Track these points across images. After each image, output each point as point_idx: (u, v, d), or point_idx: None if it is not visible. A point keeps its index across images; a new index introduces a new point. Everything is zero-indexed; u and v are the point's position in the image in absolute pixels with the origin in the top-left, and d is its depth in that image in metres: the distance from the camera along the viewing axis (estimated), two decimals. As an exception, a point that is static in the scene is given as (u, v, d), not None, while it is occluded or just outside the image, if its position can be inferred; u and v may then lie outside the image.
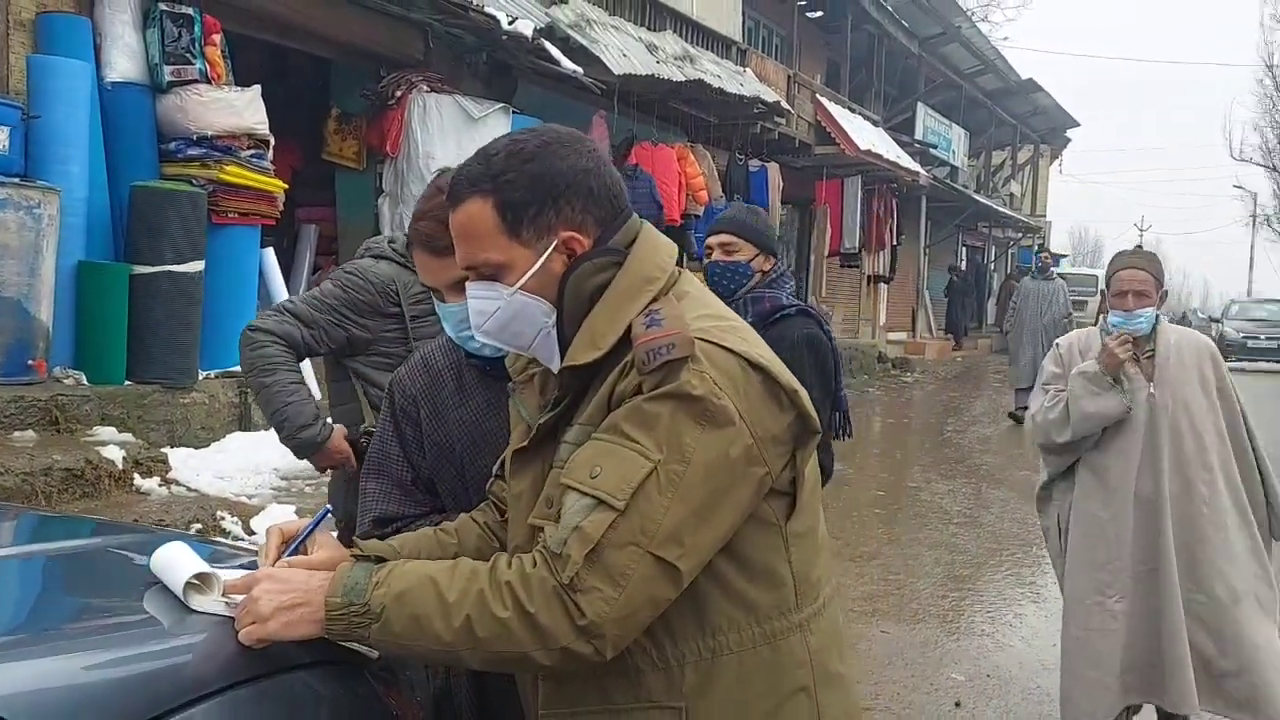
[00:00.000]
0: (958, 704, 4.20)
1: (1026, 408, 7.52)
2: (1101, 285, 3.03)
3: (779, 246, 3.55)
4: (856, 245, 16.24)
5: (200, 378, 6.20)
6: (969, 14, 24.34)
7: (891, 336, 20.40)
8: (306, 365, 4.15)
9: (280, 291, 6.99)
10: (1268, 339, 22.80)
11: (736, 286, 2.99)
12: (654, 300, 1.30)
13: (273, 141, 6.61)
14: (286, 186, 6.73)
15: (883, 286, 19.34)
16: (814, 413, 1.32)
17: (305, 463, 2.88)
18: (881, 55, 18.37)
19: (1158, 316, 3.23)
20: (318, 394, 3.90)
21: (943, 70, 21.04)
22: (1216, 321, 26.49)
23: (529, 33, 8.02)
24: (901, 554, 6.38)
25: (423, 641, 1.22)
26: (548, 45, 8.32)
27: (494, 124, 8.17)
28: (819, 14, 17.23)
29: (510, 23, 7.99)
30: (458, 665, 1.28)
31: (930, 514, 7.54)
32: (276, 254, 7.32)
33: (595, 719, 1.29)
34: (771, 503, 1.30)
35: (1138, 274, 3.18)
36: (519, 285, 1.32)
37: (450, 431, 1.79)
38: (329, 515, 1.54)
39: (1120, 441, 3.15)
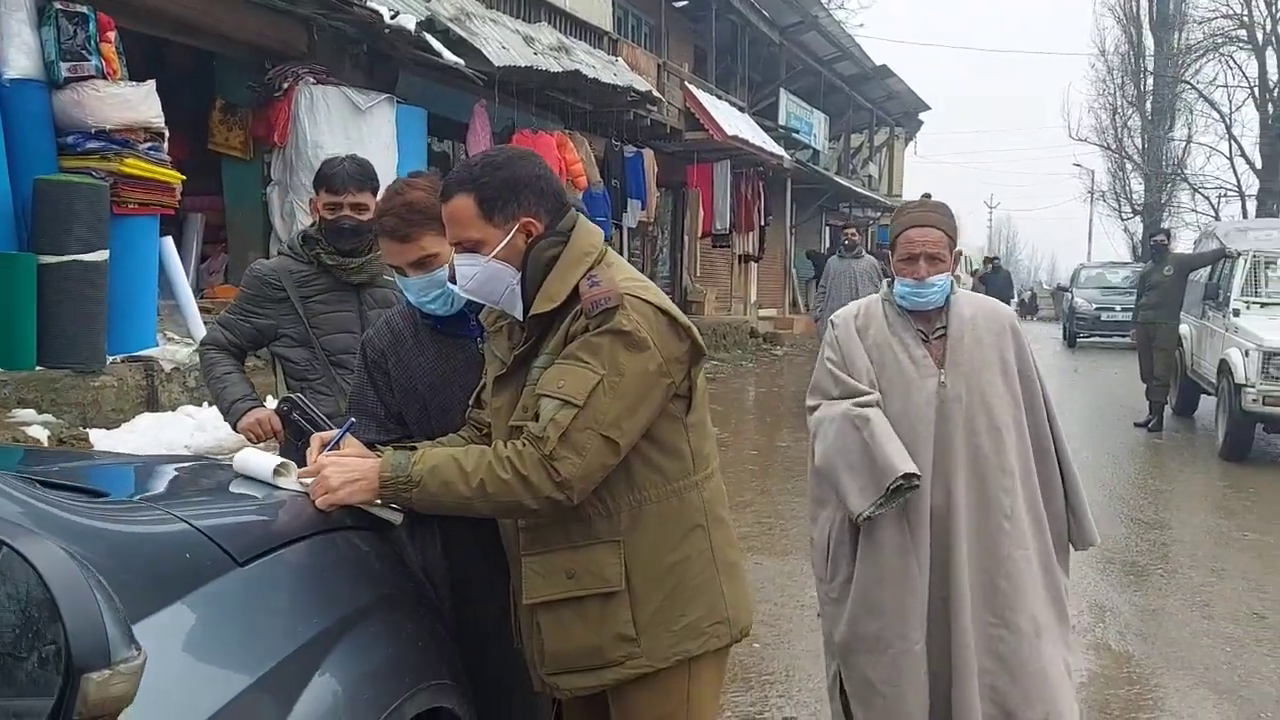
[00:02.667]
0: (819, 614, 4.91)
1: None
2: (889, 250, 2.82)
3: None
4: (727, 226, 17.02)
5: (108, 362, 6.42)
6: (825, 3, 25.54)
7: (763, 313, 21.36)
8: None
9: (180, 279, 7.22)
10: (1124, 310, 18.98)
11: None
12: (592, 268, 1.88)
13: (167, 134, 6.83)
14: (184, 178, 6.97)
15: (753, 265, 20.28)
16: (701, 342, 1.93)
17: (212, 439, 3.44)
18: (745, 43, 19.19)
19: (952, 284, 2.68)
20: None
21: (803, 58, 22.05)
22: (1065, 291, 26.76)
23: (411, 26, 8.38)
24: (772, 502, 7.12)
25: (449, 497, 1.78)
26: (429, 38, 8.68)
27: (380, 114, 8.51)
28: (685, 3, 17.91)
29: (392, 17, 8.33)
30: (471, 514, 1.83)
31: (797, 467, 8.29)
32: (165, 243, 7.53)
33: (561, 555, 1.87)
34: (675, 403, 1.92)
35: (930, 232, 2.63)
36: (492, 255, 1.88)
37: (413, 375, 2.32)
38: (354, 424, 2.07)
39: (906, 443, 2.53)
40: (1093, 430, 10.80)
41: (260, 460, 1.89)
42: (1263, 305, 9.66)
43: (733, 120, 16.10)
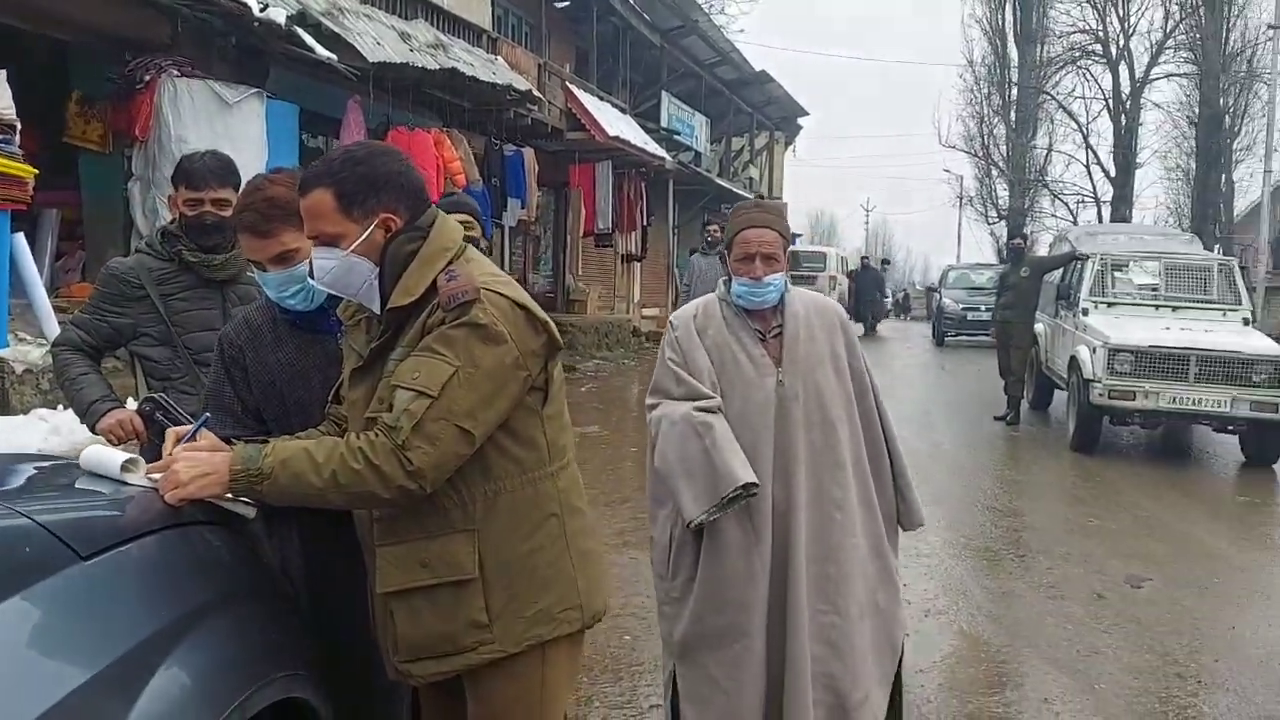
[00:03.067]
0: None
1: None
2: (726, 250, 2.84)
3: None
4: (609, 226, 17.11)
5: (-45, 360, 6.12)
6: (706, 7, 25.92)
7: (646, 312, 21.57)
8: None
9: (33, 277, 6.92)
10: (988, 310, 19.06)
11: None
12: (450, 263, 1.91)
13: (19, 126, 6.54)
14: (37, 171, 6.68)
15: (636, 265, 20.45)
16: (558, 336, 1.99)
17: (68, 443, 3.33)
18: (626, 45, 19.33)
19: (786, 282, 2.77)
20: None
21: (684, 61, 22.33)
22: (935, 291, 27.46)
23: (281, 20, 8.21)
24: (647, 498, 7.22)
25: (301, 489, 1.80)
26: (300, 32, 8.51)
27: (248, 108, 8.30)
28: (566, 3, 17.95)
29: (262, 9, 8.14)
30: (325, 506, 1.85)
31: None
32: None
33: (416, 545, 1.91)
34: (532, 395, 1.98)
35: (765, 233, 2.70)
36: (350, 250, 1.90)
37: (272, 370, 2.32)
38: (210, 418, 2.06)
39: (748, 443, 2.59)
40: (955, 424, 11.29)
41: (108, 456, 1.87)
42: (1109, 305, 10.26)
43: (615, 121, 16.22)
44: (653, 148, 17.79)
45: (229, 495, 1.86)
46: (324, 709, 1.95)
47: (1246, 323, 10.06)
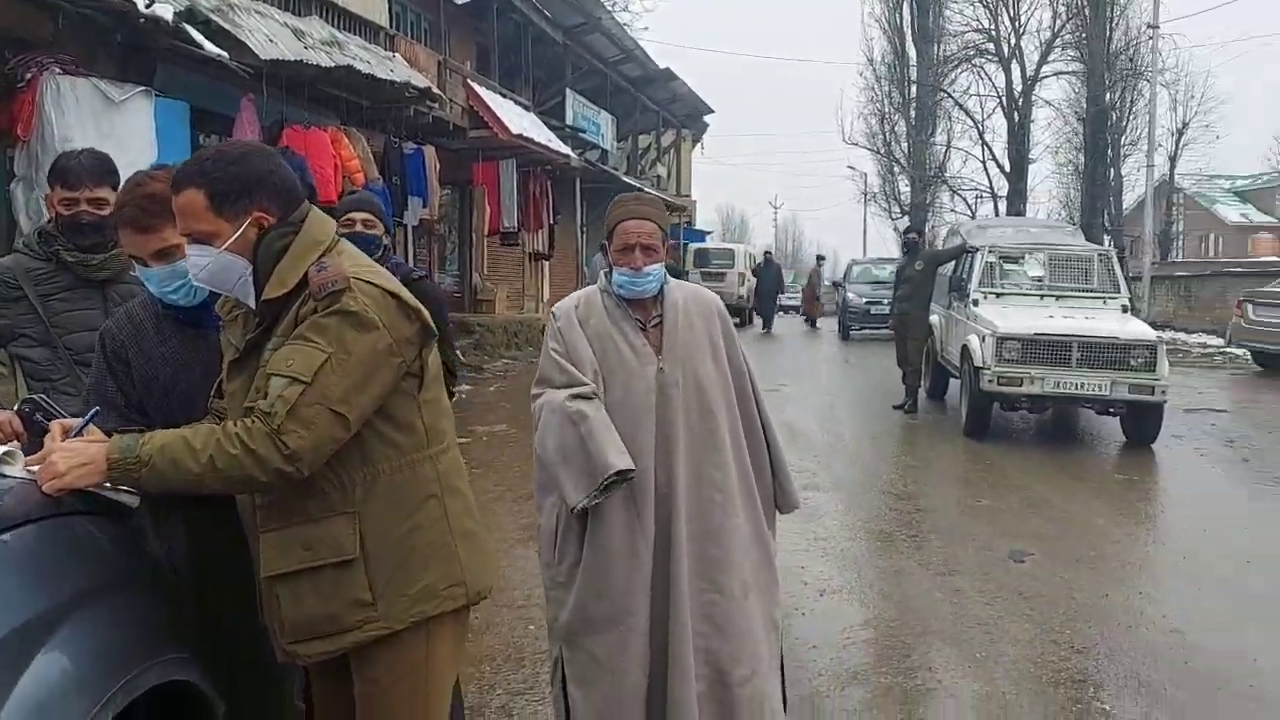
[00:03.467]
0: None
1: None
2: (606, 242, 2.93)
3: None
4: (515, 224, 17.09)
5: None
6: (610, 5, 26.04)
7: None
8: None
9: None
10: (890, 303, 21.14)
11: (372, 253, 3.68)
12: (322, 255, 1.97)
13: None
14: (-88, 171, 6.44)
15: (544, 263, 20.46)
16: (431, 323, 2.06)
17: None
18: (529, 43, 19.30)
19: (665, 273, 2.84)
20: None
21: (588, 59, 22.39)
22: (840, 286, 27.80)
23: (168, 16, 8.04)
24: (556, 491, 7.29)
25: (179, 476, 1.83)
26: (189, 29, 8.35)
27: (136, 107, 8.10)
28: (465, 0, 17.85)
29: (148, 5, 7.96)
30: (204, 492, 1.89)
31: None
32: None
33: (298, 528, 1.96)
34: (407, 381, 2.04)
35: (644, 224, 2.77)
36: (224, 247, 1.95)
37: (155, 365, 2.35)
38: (98, 412, 2.08)
39: (630, 429, 2.68)
40: (858, 415, 11.62)
41: None
42: (999, 295, 10.68)
43: (518, 119, 16.20)
44: (558, 145, 17.83)
45: (109, 485, 1.89)
46: (211, 693, 1.99)
47: (1125, 310, 10.57)
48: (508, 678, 4.17)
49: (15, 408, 2.58)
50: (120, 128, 7.76)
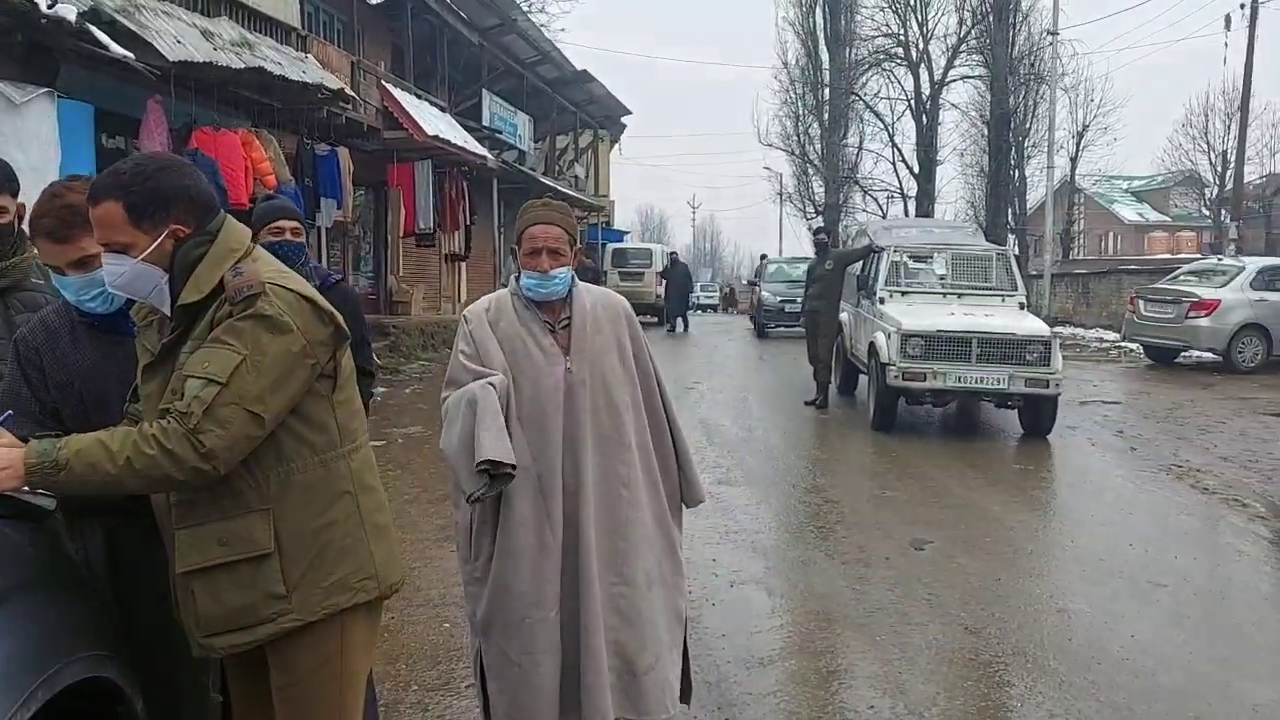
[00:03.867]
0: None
1: None
2: (516, 246, 3.00)
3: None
4: (431, 226, 17.04)
5: None
6: (526, 7, 26.06)
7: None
8: None
9: None
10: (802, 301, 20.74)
11: (297, 260, 3.73)
12: (237, 262, 2.06)
13: None
14: None
15: (461, 264, 20.40)
16: (345, 327, 2.16)
17: None
18: (444, 43, 19.24)
19: (573, 276, 2.94)
20: None
21: (505, 60, 22.40)
22: (754, 284, 28.24)
23: (71, 16, 7.89)
24: (473, 491, 7.37)
25: (97, 478, 1.91)
26: (93, 29, 8.20)
27: (38, 109, 7.94)
28: (379, 0, 17.74)
29: (50, 6, 7.81)
30: (122, 492, 1.96)
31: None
32: None
33: (214, 526, 2.05)
34: (321, 382, 2.14)
35: (552, 229, 2.87)
36: (140, 258, 2.03)
37: (70, 371, 2.40)
38: (11, 416, 2.13)
39: (538, 427, 2.80)
40: (771, 411, 11.89)
41: None
42: (904, 294, 11.05)
43: (434, 120, 16.16)
44: (474, 146, 17.82)
45: (26, 489, 1.95)
46: (129, 687, 2.06)
47: (1022, 307, 11.02)
48: (423, 674, 4.26)
49: None
50: (22, 130, 7.60)
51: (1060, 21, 27.00)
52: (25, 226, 2.83)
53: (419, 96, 16.81)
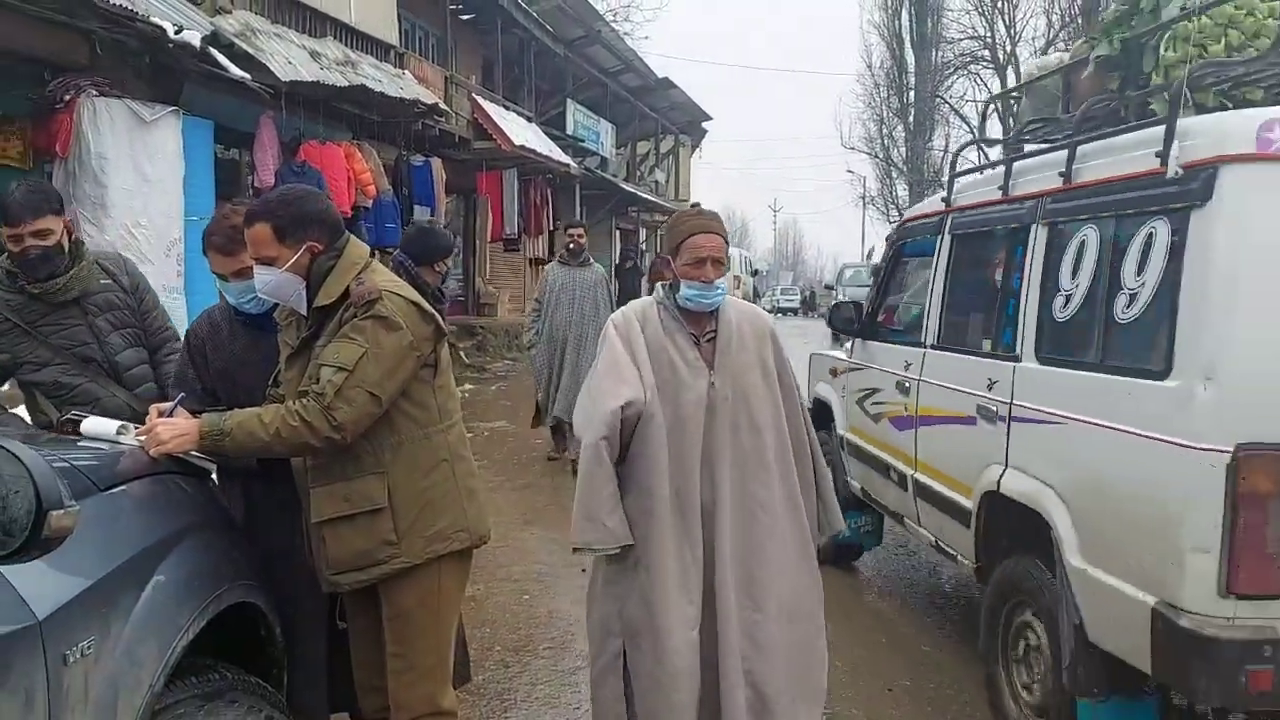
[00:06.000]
0: (583, 570, 5.72)
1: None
2: (669, 255, 2.92)
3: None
4: (517, 231, 17.70)
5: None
6: (610, 17, 26.67)
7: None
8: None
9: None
10: None
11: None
12: (359, 273, 2.58)
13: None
14: (-36, 189, 7.04)
15: (544, 268, 21.06)
16: (444, 325, 2.66)
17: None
18: (531, 55, 19.91)
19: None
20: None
21: (589, 69, 22.99)
22: (832, 289, 28.47)
23: (196, 42, 8.63)
24: (552, 483, 7.91)
25: (253, 444, 2.44)
26: (215, 53, 8.94)
27: (165, 126, 8.69)
28: (471, 16, 18.49)
29: (176, 32, 8.55)
30: (271, 456, 2.50)
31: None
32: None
33: (341, 485, 2.57)
34: (424, 370, 2.65)
35: (714, 239, 2.79)
36: (284, 269, 2.56)
37: (225, 359, 2.95)
38: (185, 397, 2.68)
39: (678, 441, 2.73)
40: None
41: (105, 425, 2.50)
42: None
43: (521, 130, 16.80)
44: (558, 155, 18.42)
45: (196, 453, 2.49)
46: (271, 612, 2.59)
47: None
48: (505, 637, 4.77)
49: (58, 425, 2.79)
50: (151, 146, 8.37)
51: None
52: (76, 239, 3.23)
53: (507, 107, 17.48)
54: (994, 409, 3.72)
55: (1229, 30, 3.26)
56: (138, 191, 8.29)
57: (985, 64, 35.56)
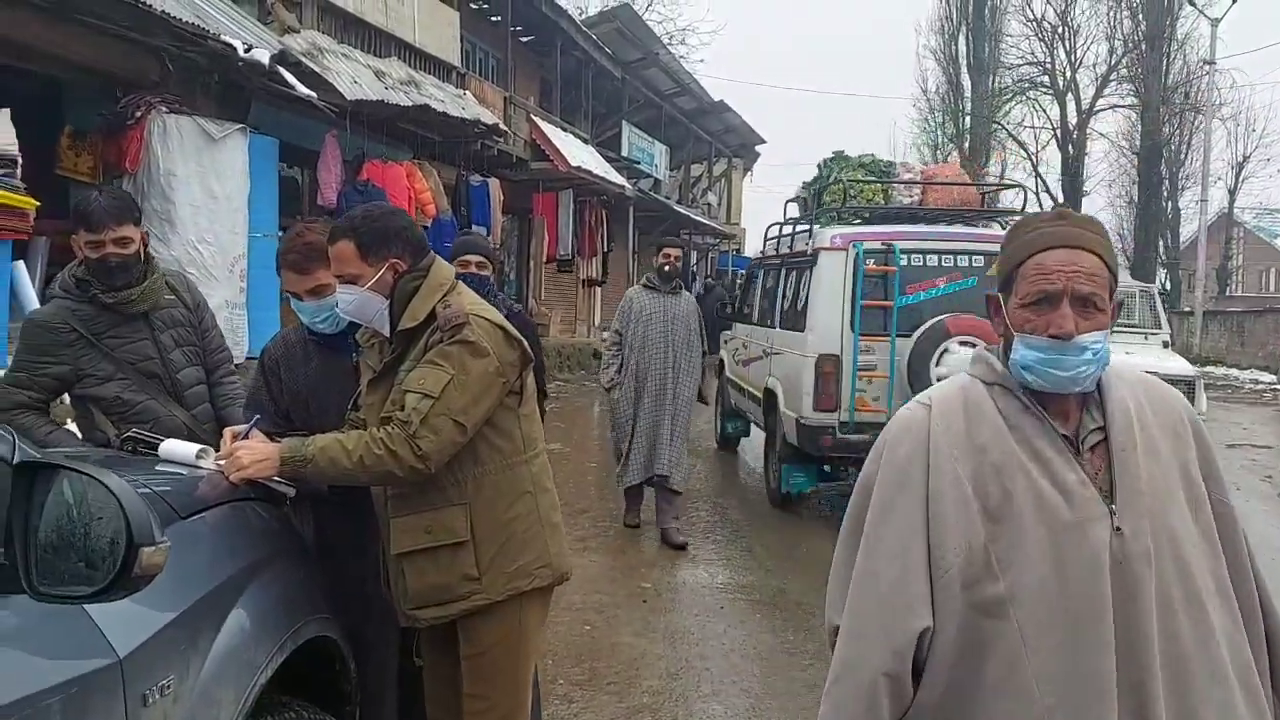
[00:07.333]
0: (644, 601, 5.62)
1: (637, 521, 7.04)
2: (999, 293, 1.69)
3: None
4: (571, 252, 17.70)
5: (-39, 383, 6.54)
6: (667, 40, 26.72)
7: (607, 335, 22.09)
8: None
9: (30, 302, 7.34)
10: None
11: (482, 291, 4.21)
12: (445, 295, 2.48)
13: (21, 160, 6.99)
14: (38, 204, 7.12)
15: (597, 289, 21.05)
16: (530, 350, 2.56)
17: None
18: (589, 78, 19.99)
19: (1108, 352, 1.60)
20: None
21: (645, 92, 23.04)
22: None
23: (265, 60, 8.70)
24: (607, 507, 7.78)
25: (334, 471, 2.34)
26: (283, 71, 9.02)
27: (233, 143, 8.77)
28: (531, 38, 18.60)
29: (246, 51, 8.63)
30: (353, 483, 2.40)
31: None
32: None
33: (422, 516, 2.46)
34: (510, 397, 2.54)
35: (1083, 258, 1.59)
36: (366, 287, 2.46)
37: (299, 381, 2.87)
38: (260, 419, 2.60)
39: (1066, 636, 1.51)
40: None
41: (184, 448, 2.42)
42: (1041, 329, 10.97)
43: (577, 151, 16.82)
44: (614, 176, 18.42)
45: (277, 478, 2.40)
46: (345, 647, 2.49)
47: (1166, 345, 10.82)
48: (568, 670, 4.64)
49: (118, 444, 2.73)
50: (219, 163, 8.43)
51: (1218, 50, 26.05)
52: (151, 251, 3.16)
53: (564, 129, 17.53)
54: (766, 350, 8.46)
55: (861, 191, 8.36)
56: (204, 208, 8.36)
57: (1044, 90, 35.17)
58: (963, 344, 6.59)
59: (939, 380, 3.26)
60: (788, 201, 9.59)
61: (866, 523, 1.66)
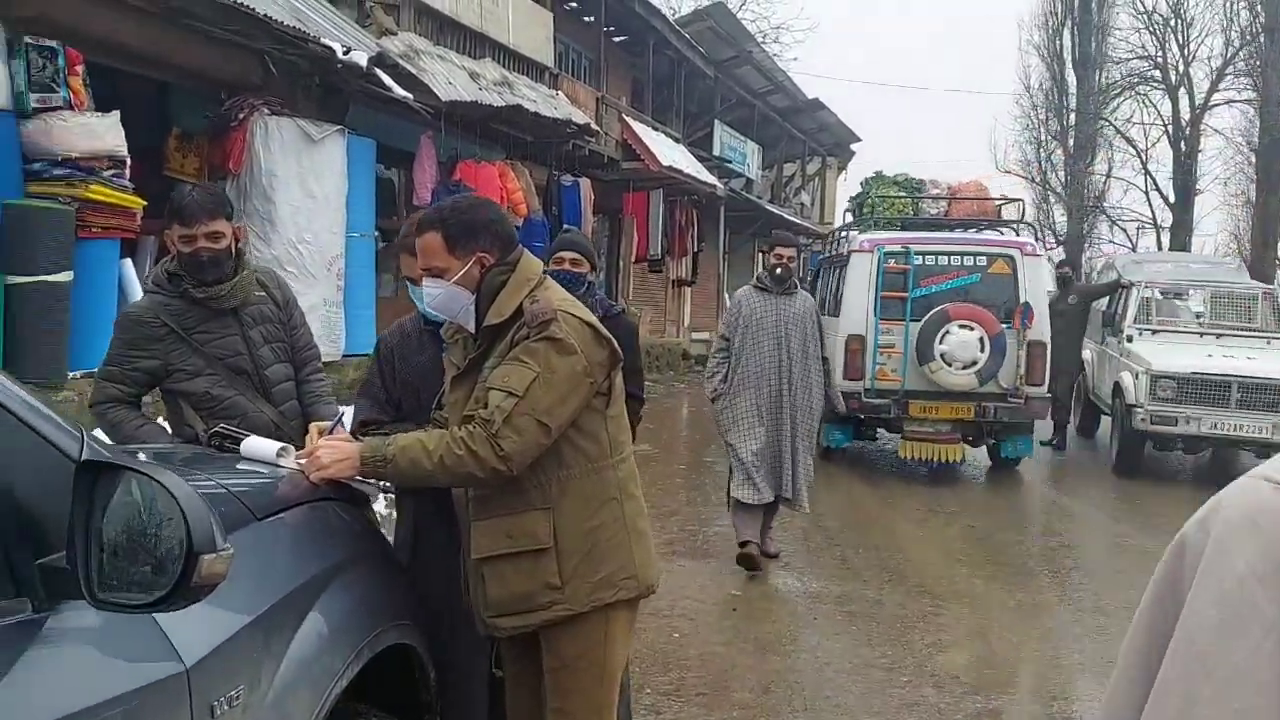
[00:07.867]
0: (734, 609, 5.46)
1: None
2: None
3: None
4: (660, 252, 17.59)
5: (70, 377, 6.73)
6: (760, 38, 26.44)
7: (696, 335, 21.97)
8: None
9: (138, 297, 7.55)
10: None
11: (576, 289, 4.11)
12: (533, 290, 2.38)
13: (129, 161, 7.18)
14: (145, 203, 7.31)
15: (686, 290, 20.91)
16: (619, 350, 2.44)
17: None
18: (681, 77, 19.86)
19: None
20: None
21: (737, 90, 22.80)
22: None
23: (363, 62, 8.81)
24: (696, 511, 7.64)
25: (415, 472, 2.26)
26: (380, 73, 9.12)
27: (331, 145, 8.91)
28: (624, 38, 18.56)
29: (345, 53, 8.75)
30: (434, 484, 2.32)
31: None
32: (118, 263, 7.83)
33: (503, 520, 2.36)
34: (597, 399, 2.42)
35: None
36: (453, 280, 2.38)
37: (412, 370, 2.83)
38: (343, 416, 2.55)
39: None
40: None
41: (265, 445, 2.37)
42: (1154, 332, 10.47)
43: (668, 151, 16.71)
44: (705, 176, 18.25)
45: (358, 478, 2.34)
46: (425, 655, 2.40)
47: (1291, 350, 10.20)
48: (655, 680, 4.51)
49: (205, 440, 2.73)
50: (319, 164, 8.56)
51: (1347, 40, 24.58)
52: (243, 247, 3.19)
53: (655, 128, 17.43)
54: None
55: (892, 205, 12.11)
56: (303, 208, 8.48)
57: (1155, 85, 33.75)
58: (961, 327, 8.68)
59: (942, 355, 8.77)
60: (844, 210, 11.40)
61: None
